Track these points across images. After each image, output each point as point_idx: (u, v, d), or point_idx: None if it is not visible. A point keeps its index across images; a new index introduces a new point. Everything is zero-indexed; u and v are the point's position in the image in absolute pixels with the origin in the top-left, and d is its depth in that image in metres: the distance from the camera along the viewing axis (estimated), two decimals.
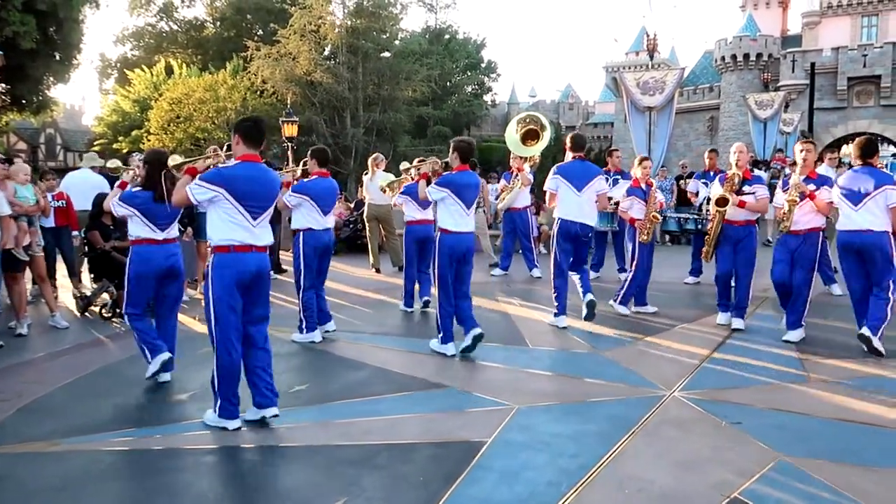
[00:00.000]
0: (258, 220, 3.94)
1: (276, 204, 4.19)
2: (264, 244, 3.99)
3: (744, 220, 6.25)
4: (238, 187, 3.84)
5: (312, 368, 5.27)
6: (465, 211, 5.54)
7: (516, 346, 5.90)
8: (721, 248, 6.37)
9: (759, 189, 6.24)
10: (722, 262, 6.43)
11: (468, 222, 5.57)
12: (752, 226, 6.32)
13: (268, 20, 36.21)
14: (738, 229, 6.26)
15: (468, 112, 45.24)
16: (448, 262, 5.51)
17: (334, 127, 30.96)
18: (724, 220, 6.24)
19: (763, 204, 6.28)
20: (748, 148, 6.96)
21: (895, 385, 4.71)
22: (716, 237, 6.32)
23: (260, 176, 3.96)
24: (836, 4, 40.31)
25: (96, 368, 5.31)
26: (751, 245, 6.30)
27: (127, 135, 32.56)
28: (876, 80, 34.52)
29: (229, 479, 3.39)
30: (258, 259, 3.96)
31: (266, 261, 4.06)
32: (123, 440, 3.85)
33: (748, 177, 6.28)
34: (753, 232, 6.34)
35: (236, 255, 3.87)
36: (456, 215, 5.51)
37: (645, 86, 15.23)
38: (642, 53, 48.37)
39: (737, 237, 6.25)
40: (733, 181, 6.19)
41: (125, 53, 42.23)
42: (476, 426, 3.95)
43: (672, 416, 4.13)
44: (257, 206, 3.92)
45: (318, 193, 5.95)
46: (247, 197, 3.87)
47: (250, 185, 3.89)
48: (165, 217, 4.77)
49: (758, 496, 3.09)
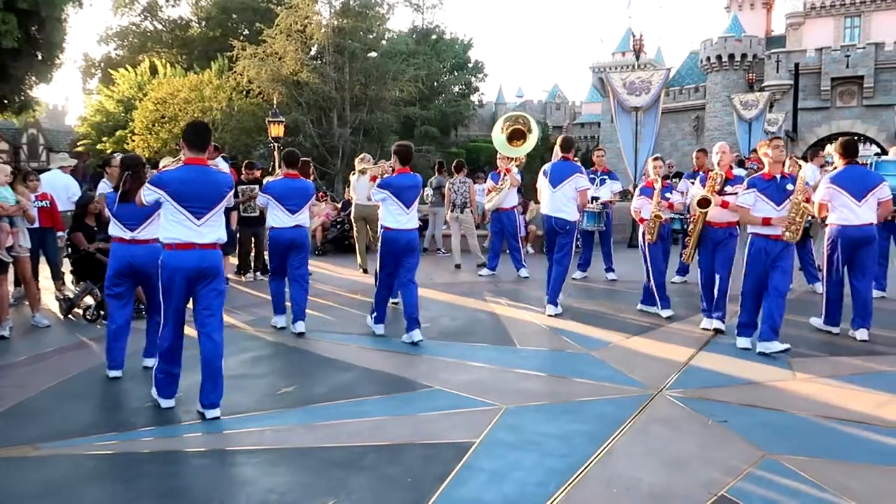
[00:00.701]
0: (202, 219, 4.14)
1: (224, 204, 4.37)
2: (210, 242, 4.19)
3: (725, 222, 6.10)
4: (179, 189, 4.09)
5: (299, 370, 5.23)
6: (405, 210, 6.02)
7: (504, 346, 5.90)
8: (703, 250, 6.24)
9: (742, 189, 5.97)
10: (705, 265, 6.29)
11: (408, 220, 6.07)
12: (733, 227, 6.16)
13: (253, 20, 36.02)
14: (720, 231, 6.12)
15: (455, 112, 45.26)
16: (390, 257, 6.05)
17: (321, 127, 30.84)
18: (705, 222, 6.11)
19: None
20: (733, 148, 7.03)
21: (879, 382, 4.75)
22: (697, 238, 6.20)
23: (202, 178, 4.17)
24: (819, 5, 40.71)
25: (79, 371, 5.24)
26: (731, 246, 6.15)
27: (111, 135, 32.28)
28: (859, 80, 34.92)
29: (215, 483, 3.35)
30: (202, 256, 4.15)
31: (213, 257, 4.22)
32: (106, 444, 3.81)
33: (730, 177, 6.15)
34: (734, 234, 6.18)
35: (177, 253, 4.13)
36: (395, 214, 6.01)
37: (631, 86, 15.29)
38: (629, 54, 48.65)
39: (717, 239, 6.12)
40: (715, 181, 6.07)
41: (109, 53, 41.88)
42: (464, 427, 3.94)
43: (660, 415, 4.14)
44: (200, 207, 4.13)
45: (281, 193, 6.35)
46: (188, 198, 4.10)
47: (192, 186, 4.12)
48: (131, 218, 4.96)
49: (744, 494, 3.11)
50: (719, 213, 6.04)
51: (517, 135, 8.07)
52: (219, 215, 4.27)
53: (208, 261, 4.19)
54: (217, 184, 4.25)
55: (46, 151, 41.22)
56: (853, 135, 35.45)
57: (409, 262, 6.08)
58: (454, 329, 6.59)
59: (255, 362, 5.53)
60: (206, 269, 4.18)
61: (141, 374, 5.17)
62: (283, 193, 6.36)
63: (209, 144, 4.46)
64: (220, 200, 4.25)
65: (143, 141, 28.70)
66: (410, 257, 6.09)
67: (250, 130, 29.80)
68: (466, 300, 7.94)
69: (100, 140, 33.02)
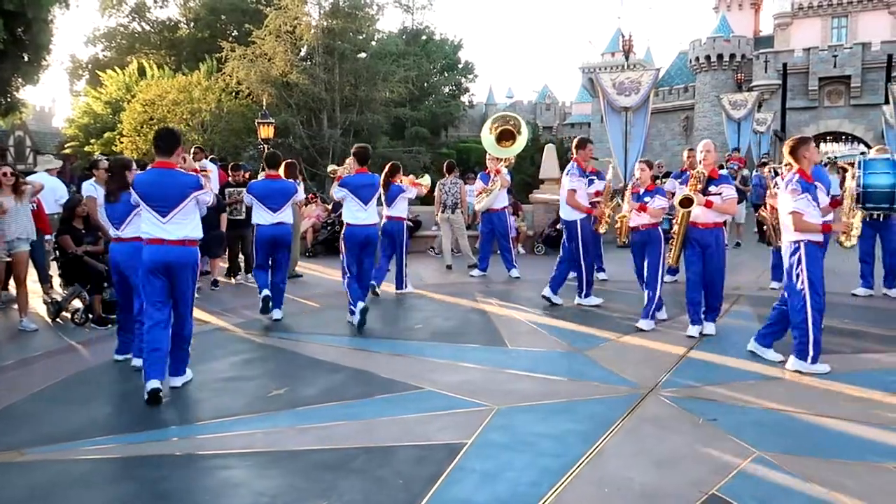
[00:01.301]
0: (167, 217, 4.60)
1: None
2: (178, 238, 4.62)
3: (711, 223, 5.92)
4: (145, 190, 4.62)
5: (290, 372, 5.21)
6: (363, 207, 6.64)
7: (495, 346, 5.89)
8: (689, 253, 6.01)
9: (726, 189, 5.91)
10: (693, 270, 6.00)
11: (366, 216, 6.67)
12: (718, 229, 5.97)
13: (242, 21, 35.84)
14: (705, 232, 5.92)
15: (445, 113, 45.24)
16: (351, 250, 6.70)
17: (311, 128, 30.75)
18: (689, 222, 5.93)
19: (730, 205, 5.98)
20: (721, 148, 7.06)
21: (867, 381, 4.77)
22: (681, 240, 5.99)
23: (165, 180, 4.64)
24: (807, 6, 40.99)
25: (68, 375, 5.19)
26: (719, 252, 5.98)
27: (99, 137, 32.04)
28: (846, 80, 35.18)
29: (205, 486, 3.32)
30: (168, 251, 4.60)
31: (183, 253, 4.65)
32: (94, 448, 3.77)
33: (715, 176, 5.95)
34: (720, 236, 5.99)
35: (147, 247, 4.63)
36: (354, 210, 6.68)
37: (621, 86, 15.31)
38: (618, 54, 48.88)
39: (704, 242, 5.92)
40: (698, 180, 5.88)
41: (96, 54, 41.56)
42: (456, 427, 3.93)
43: (651, 415, 4.15)
44: (164, 206, 4.60)
45: (263, 193, 6.97)
46: (152, 198, 4.60)
47: (155, 188, 4.61)
48: (115, 217, 5.31)
49: (735, 492, 3.11)
50: (705, 213, 5.87)
51: (506, 135, 8.07)
52: (185, 214, 4.65)
53: (182, 256, 4.64)
54: (180, 185, 4.65)
55: (33, 154, 40.82)
56: (841, 134, 35.78)
57: (368, 254, 6.79)
58: (445, 330, 6.58)
59: (246, 365, 5.50)
60: (174, 263, 4.62)
61: (129, 378, 5.13)
62: (265, 193, 6.97)
63: (177, 147, 4.77)
64: (182, 200, 4.62)
65: (132, 143, 28.49)
66: (367, 251, 6.80)
67: (240, 132, 29.67)
68: (457, 301, 7.93)
69: (87, 142, 32.77)
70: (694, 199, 5.77)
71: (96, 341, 6.26)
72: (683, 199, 5.84)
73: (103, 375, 5.23)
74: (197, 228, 4.75)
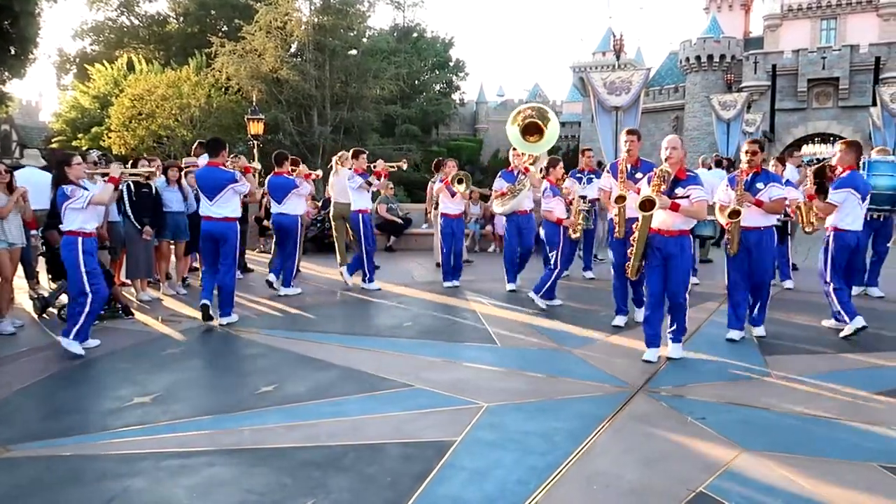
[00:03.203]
0: (213, 201, 6.57)
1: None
2: (220, 216, 6.54)
3: (677, 231, 5.14)
4: (200, 182, 6.76)
5: (279, 370, 5.19)
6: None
7: (485, 344, 5.90)
8: (650, 264, 5.25)
9: (695, 190, 5.09)
10: (652, 281, 5.27)
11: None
12: (684, 237, 5.20)
13: (232, 16, 35.70)
14: (669, 241, 5.13)
15: (436, 111, 45.25)
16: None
17: (301, 125, 30.66)
18: (650, 228, 5.16)
19: (699, 208, 5.11)
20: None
21: (853, 380, 4.82)
22: (641, 248, 5.20)
23: (212, 174, 6.63)
24: (796, 7, 41.28)
25: (53, 372, 5.15)
26: (684, 264, 5.20)
27: (86, 132, 31.82)
28: (834, 81, 35.49)
29: (192, 484, 3.31)
30: (214, 225, 6.55)
31: (223, 226, 6.53)
32: (80, 445, 3.75)
33: (682, 176, 5.15)
34: (686, 245, 5.21)
35: (202, 222, 6.65)
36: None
37: (612, 86, 15.37)
38: (609, 54, 49.02)
39: (667, 251, 5.14)
40: (662, 179, 5.07)
41: (84, 48, 41.28)
42: (445, 425, 3.93)
43: (639, 413, 4.17)
44: (211, 193, 6.57)
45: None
46: (204, 188, 6.65)
47: (205, 180, 6.67)
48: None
49: (722, 490, 3.13)
50: (671, 217, 5.10)
51: (532, 128, 7.15)
52: (226, 199, 6.55)
53: (218, 228, 6.55)
54: (221, 179, 6.58)
55: (20, 148, 40.50)
56: (829, 135, 36.07)
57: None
58: (435, 328, 6.58)
59: (234, 362, 5.49)
60: (215, 232, 6.55)
61: (117, 376, 5.10)
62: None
63: (221, 151, 6.74)
64: (223, 189, 6.56)
65: (120, 138, 28.31)
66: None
67: (229, 128, 29.53)
68: (447, 299, 7.93)
69: (75, 137, 32.52)
70: (656, 201, 4.99)
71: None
72: (644, 200, 5.06)
73: (89, 372, 5.19)
74: (236, 209, 6.63)
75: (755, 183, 5.70)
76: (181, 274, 8.61)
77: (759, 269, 5.82)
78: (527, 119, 7.14)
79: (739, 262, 5.81)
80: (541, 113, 7.31)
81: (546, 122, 7.19)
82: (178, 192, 8.15)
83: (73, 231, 5.53)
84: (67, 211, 5.51)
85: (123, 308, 6.96)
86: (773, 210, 5.71)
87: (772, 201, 5.63)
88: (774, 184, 5.72)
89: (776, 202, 5.67)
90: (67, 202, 5.50)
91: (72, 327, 5.49)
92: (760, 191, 5.66)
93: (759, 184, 5.69)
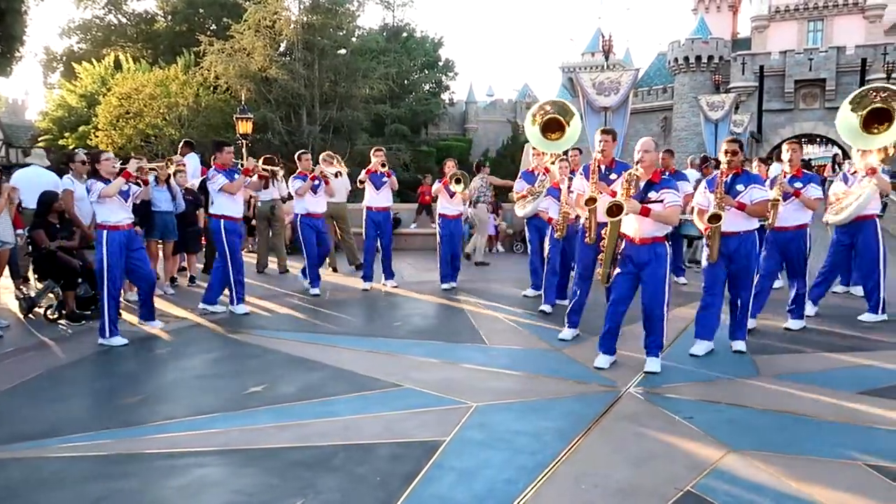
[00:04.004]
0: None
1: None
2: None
3: (650, 238, 4.84)
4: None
5: (269, 370, 5.17)
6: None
7: (474, 344, 5.91)
8: (621, 274, 4.96)
9: (669, 195, 4.79)
10: (617, 285, 5.00)
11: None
12: (658, 244, 4.88)
13: (221, 15, 35.49)
14: (641, 249, 4.87)
15: (426, 111, 45.15)
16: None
17: (290, 124, 30.52)
18: (621, 234, 4.92)
19: (672, 213, 4.80)
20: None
21: (838, 379, 4.87)
22: (610, 254, 4.92)
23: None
24: (783, 9, 41.55)
25: (40, 372, 5.11)
26: (659, 273, 4.86)
27: (73, 130, 31.50)
28: (821, 83, 35.74)
29: (181, 484, 3.29)
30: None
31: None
32: (68, 446, 3.72)
33: (657, 179, 4.88)
34: (661, 253, 4.88)
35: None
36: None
37: (600, 86, 15.42)
38: (598, 54, 49.10)
39: (640, 260, 4.89)
40: (631, 183, 4.78)
41: (71, 46, 40.85)
42: (434, 425, 3.94)
43: (627, 412, 4.19)
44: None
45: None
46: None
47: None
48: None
49: (710, 489, 3.15)
50: (643, 223, 4.83)
51: (553, 125, 6.84)
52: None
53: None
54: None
55: (6, 147, 40.11)
56: (816, 136, 36.36)
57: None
58: (424, 327, 6.59)
59: (223, 362, 5.46)
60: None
61: (102, 376, 5.07)
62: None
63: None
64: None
65: (107, 136, 28.05)
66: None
67: (218, 127, 29.34)
68: (437, 298, 7.93)
69: (62, 135, 32.18)
70: (624, 205, 4.68)
71: (69, 338, 6.18)
72: (612, 205, 4.74)
73: (76, 372, 5.16)
74: (219, 208, 6.99)
75: (735, 185, 5.32)
76: (169, 274, 8.56)
77: (739, 279, 5.44)
78: (546, 115, 6.84)
79: (716, 270, 5.44)
80: (562, 108, 6.95)
81: (568, 117, 6.84)
82: (167, 191, 8.09)
83: (99, 224, 5.95)
84: (93, 206, 6.00)
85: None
86: (756, 213, 5.33)
87: (754, 204, 5.27)
88: (756, 185, 5.34)
89: (759, 205, 5.29)
90: (89, 196, 5.95)
91: (101, 324, 5.90)
92: (741, 193, 5.29)
93: (739, 185, 5.32)
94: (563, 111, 6.87)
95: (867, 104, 6.25)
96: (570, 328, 6.03)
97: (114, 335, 5.86)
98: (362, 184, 8.48)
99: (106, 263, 5.81)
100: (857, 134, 6.33)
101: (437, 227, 8.71)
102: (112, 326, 5.86)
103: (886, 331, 6.27)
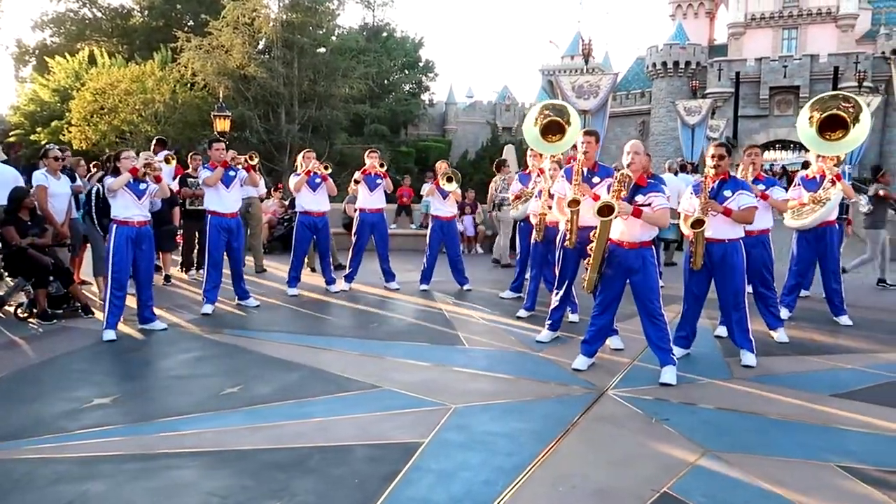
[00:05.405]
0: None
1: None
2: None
3: (638, 242, 4.79)
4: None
5: (244, 371, 5.11)
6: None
7: (452, 345, 5.90)
8: (608, 278, 4.91)
9: (656, 198, 4.74)
10: (605, 287, 4.94)
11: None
12: (646, 249, 4.84)
13: (199, 11, 35.13)
14: (630, 254, 4.80)
15: (406, 111, 45.09)
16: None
17: (268, 123, 30.28)
18: (611, 239, 4.84)
19: (661, 215, 4.74)
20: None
21: (812, 382, 4.95)
22: (599, 259, 4.84)
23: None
24: (759, 17, 42.21)
25: (9, 372, 5.00)
26: (649, 277, 4.83)
27: (46, 125, 30.94)
28: (795, 90, 36.40)
29: (154, 486, 3.23)
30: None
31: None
32: (36, 448, 3.63)
33: (643, 183, 4.80)
34: (649, 257, 4.85)
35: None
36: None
37: (580, 89, 15.55)
38: (577, 57, 49.38)
39: (628, 265, 4.84)
40: (622, 185, 4.74)
41: (44, 40, 40.19)
42: (412, 427, 3.92)
43: (605, 414, 4.21)
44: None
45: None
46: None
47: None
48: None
49: (686, 489, 3.18)
50: (631, 226, 4.78)
51: (553, 128, 6.87)
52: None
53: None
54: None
55: None
56: (790, 142, 36.99)
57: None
58: (402, 329, 6.56)
59: (199, 362, 5.38)
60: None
61: (75, 376, 4.97)
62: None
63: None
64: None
65: (81, 132, 27.62)
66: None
67: (195, 124, 29.04)
68: (415, 299, 7.91)
69: (33, 130, 31.60)
70: (615, 206, 4.58)
71: (40, 337, 6.05)
72: (602, 206, 4.61)
73: (47, 372, 5.04)
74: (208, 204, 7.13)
75: (722, 190, 5.16)
76: None
77: (724, 290, 5.27)
78: (547, 118, 6.83)
79: (698, 279, 5.31)
80: (561, 111, 6.95)
81: (567, 117, 6.83)
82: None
83: (111, 219, 6.13)
84: (109, 200, 6.18)
85: (83, 307, 6.80)
86: (743, 220, 5.14)
87: (741, 210, 5.10)
88: (743, 191, 5.18)
89: (746, 211, 5.11)
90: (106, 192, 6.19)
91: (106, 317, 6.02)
92: (728, 199, 5.14)
93: (726, 191, 5.16)
94: (563, 113, 6.90)
95: (824, 110, 6.37)
96: (549, 330, 6.02)
97: (109, 328, 5.92)
98: (357, 184, 8.46)
99: (111, 255, 5.96)
100: (817, 140, 6.43)
101: (429, 229, 8.55)
102: (110, 318, 5.92)
103: (857, 334, 6.39)
